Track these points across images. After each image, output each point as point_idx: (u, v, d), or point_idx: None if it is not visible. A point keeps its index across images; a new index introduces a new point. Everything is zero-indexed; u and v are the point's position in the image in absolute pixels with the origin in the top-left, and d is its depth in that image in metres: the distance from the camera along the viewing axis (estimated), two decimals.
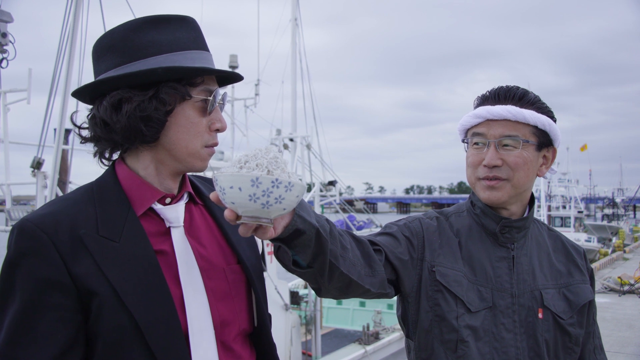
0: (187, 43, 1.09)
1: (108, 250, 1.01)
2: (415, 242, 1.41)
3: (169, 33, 1.08)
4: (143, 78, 1.04)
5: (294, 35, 11.42)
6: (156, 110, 1.04)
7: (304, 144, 10.87)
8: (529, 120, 1.37)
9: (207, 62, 1.11)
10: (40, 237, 0.98)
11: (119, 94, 1.05)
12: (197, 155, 1.11)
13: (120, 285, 0.99)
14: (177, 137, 1.08)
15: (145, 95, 1.04)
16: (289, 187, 0.88)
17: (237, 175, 0.87)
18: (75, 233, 1.00)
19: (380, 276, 1.28)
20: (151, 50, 1.06)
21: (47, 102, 5.28)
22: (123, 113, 1.04)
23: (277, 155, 0.92)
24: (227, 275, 1.15)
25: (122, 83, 1.05)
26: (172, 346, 1.01)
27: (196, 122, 1.09)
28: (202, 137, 1.10)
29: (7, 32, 4.40)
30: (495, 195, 1.39)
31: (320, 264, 1.09)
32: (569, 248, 1.53)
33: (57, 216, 1.02)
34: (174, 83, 1.05)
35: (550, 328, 1.38)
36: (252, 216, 0.90)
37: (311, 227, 1.03)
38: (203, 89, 1.09)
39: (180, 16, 1.12)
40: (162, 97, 1.05)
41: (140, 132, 1.05)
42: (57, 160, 5.24)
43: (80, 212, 1.04)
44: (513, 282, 1.39)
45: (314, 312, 9.56)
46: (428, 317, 1.37)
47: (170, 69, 1.04)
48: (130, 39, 1.07)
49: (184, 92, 1.06)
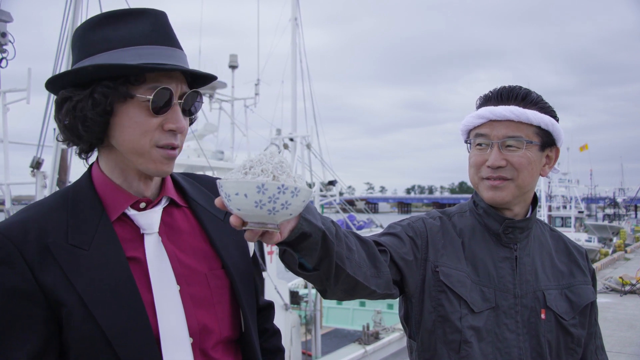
0: (140, 37, 1.02)
1: (76, 259, 0.98)
2: (419, 242, 1.40)
3: (124, 28, 1.03)
4: (77, 77, 1.01)
5: (294, 35, 11.40)
6: (92, 109, 1.00)
7: (304, 144, 10.86)
8: (532, 121, 1.36)
9: (163, 58, 1.02)
10: (7, 246, 0.96)
11: (64, 92, 1.03)
12: (147, 156, 1.03)
13: (88, 295, 0.96)
14: (123, 138, 1.03)
15: (82, 94, 1.00)
16: (295, 192, 0.87)
17: (243, 182, 0.85)
18: (43, 242, 0.98)
19: (386, 277, 1.27)
20: (100, 47, 1.01)
21: (47, 101, 5.27)
22: (64, 112, 1.02)
23: (282, 159, 0.90)
24: (209, 281, 1.11)
25: (66, 81, 1.02)
26: (143, 353, 0.98)
27: (141, 122, 1.01)
28: (150, 136, 1.02)
29: (7, 31, 4.38)
30: (500, 195, 1.38)
31: (326, 266, 1.08)
32: (571, 249, 1.52)
33: (26, 224, 0.99)
34: (108, 82, 0.99)
35: (553, 329, 1.38)
36: (259, 222, 0.88)
37: (317, 230, 1.02)
38: (151, 87, 1.01)
39: (140, 9, 1.06)
40: (95, 97, 0.99)
41: (79, 133, 1.02)
42: (56, 160, 5.24)
43: (50, 220, 1.01)
44: (516, 282, 1.38)
45: (314, 312, 9.54)
46: (431, 318, 1.36)
47: (100, 66, 0.99)
48: (86, 36, 1.04)
49: (122, 91, 1.00)
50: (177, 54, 1.06)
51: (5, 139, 5.93)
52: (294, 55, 11.34)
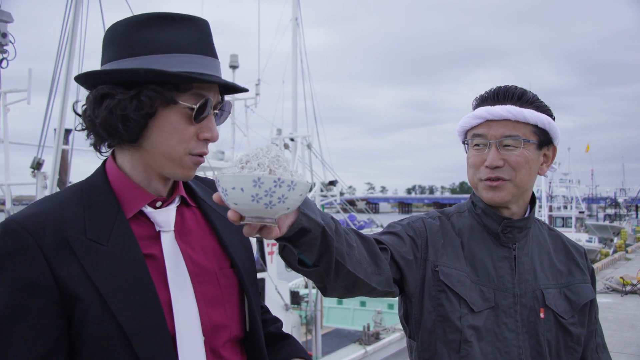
0: (187, 45, 1.04)
1: (95, 254, 0.97)
2: (418, 241, 1.40)
3: (170, 33, 1.03)
4: (126, 77, 1.01)
5: (294, 35, 11.42)
6: (135, 111, 1.00)
7: (305, 144, 10.87)
8: (529, 120, 1.36)
9: (205, 68, 1.04)
10: (25, 238, 0.94)
11: (103, 88, 1.02)
12: (178, 162, 1.05)
13: (107, 290, 0.95)
14: (159, 141, 1.03)
15: (127, 94, 1.00)
16: (291, 185, 0.87)
17: (239, 176, 0.85)
18: (61, 235, 0.97)
19: (386, 274, 1.27)
20: (146, 49, 1.02)
21: (47, 102, 5.28)
22: (103, 108, 1.01)
23: (279, 153, 0.90)
24: (220, 280, 1.12)
25: (107, 78, 1.02)
26: (160, 352, 0.98)
27: (181, 129, 1.03)
28: (186, 144, 1.04)
29: (7, 32, 4.39)
30: (498, 195, 1.38)
31: (326, 262, 1.08)
32: (569, 247, 1.53)
33: (44, 217, 0.98)
34: (157, 86, 1.00)
35: (552, 328, 1.38)
36: (256, 216, 0.88)
37: (317, 225, 1.01)
38: (193, 94, 1.03)
39: (187, 16, 1.07)
40: (142, 99, 1.00)
41: (117, 131, 1.02)
42: (57, 160, 5.24)
43: (67, 214, 1.00)
44: (515, 282, 1.39)
45: (315, 312, 9.54)
46: (431, 317, 1.36)
47: (152, 71, 0.99)
48: (129, 34, 1.04)
49: (168, 96, 1.01)
50: (216, 64, 1.09)
51: (6, 140, 5.94)
52: (295, 55, 11.35)
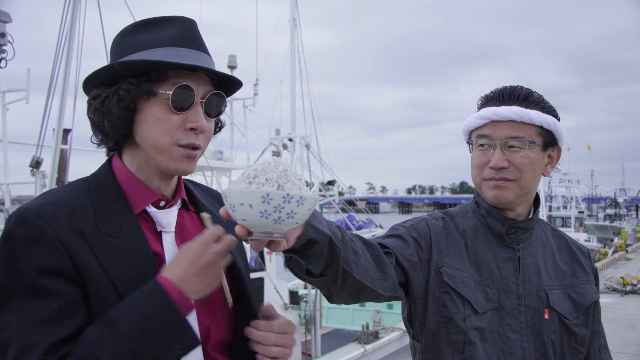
0: (168, 40, 1.06)
1: (107, 246, 0.99)
2: (422, 243, 1.39)
3: (155, 33, 1.07)
4: (106, 75, 1.05)
5: (292, 35, 11.40)
6: (116, 105, 1.03)
7: (303, 144, 10.85)
8: (534, 121, 1.35)
9: (184, 59, 1.05)
10: (42, 226, 0.95)
11: (95, 91, 1.07)
12: (167, 153, 1.05)
13: (120, 283, 0.97)
14: (146, 135, 1.05)
15: (109, 91, 1.04)
16: (300, 201, 0.86)
17: (247, 192, 0.84)
18: (74, 226, 0.98)
19: (392, 279, 1.26)
20: (130, 50, 1.06)
21: (46, 101, 5.26)
22: (93, 109, 1.07)
23: (287, 167, 0.89)
24: None
25: (97, 80, 1.07)
26: None
27: (164, 119, 1.04)
28: (172, 134, 1.05)
29: (6, 32, 4.38)
30: (503, 194, 1.37)
31: (333, 271, 1.08)
32: (573, 248, 1.52)
33: (57, 206, 0.99)
34: (132, 79, 1.03)
35: (556, 329, 1.37)
36: (264, 232, 0.87)
37: (324, 236, 1.01)
38: (172, 84, 1.04)
39: (172, 16, 1.10)
40: (120, 93, 1.03)
41: (105, 128, 1.05)
42: (55, 159, 5.23)
43: (77, 206, 1.01)
44: (519, 283, 1.38)
45: (314, 312, 9.53)
46: (435, 319, 1.36)
47: (122, 63, 1.03)
48: (120, 41, 1.10)
49: (146, 88, 1.03)
50: (202, 57, 1.09)
51: (5, 139, 5.93)
52: (293, 55, 11.34)
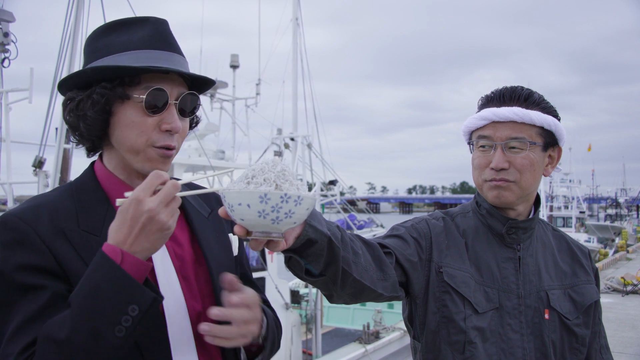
0: (139, 43, 1.08)
1: (89, 244, 1.01)
2: (423, 243, 1.40)
3: (126, 35, 1.09)
4: (79, 79, 1.08)
5: (295, 35, 11.39)
6: (91, 108, 1.05)
7: (305, 144, 10.85)
8: (535, 122, 1.35)
9: (156, 62, 1.07)
10: (23, 228, 0.99)
11: (68, 94, 1.10)
12: (143, 154, 1.08)
13: None
14: (121, 137, 1.08)
15: (83, 94, 1.07)
16: (298, 200, 0.87)
17: (245, 192, 0.85)
18: (56, 225, 1.01)
19: (392, 279, 1.27)
20: (102, 52, 1.08)
21: (49, 101, 5.26)
22: (67, 111, 1.09)
23: (285, 167, 0.90)
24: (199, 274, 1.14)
25: (71, 84, 1.09)
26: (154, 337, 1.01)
27: (138, 121, 1.06)
28: (147, 135, 1.07)
29: (9, 31, 4.40)
30: (503, 195, 1.38)
31: (333, 271, 1.08)
32: (573, 248, 1.52)
33: (38, 209, 1.03)
34: (106, 83, 1.05)
35: (557, 329, 1.38)
36: (263, 232, 0.88)
37: (323, 236, 1.02)
38: (145, 87, 1.06)
39: (143, 18, 1.11)
40: (94, 97, 1.05)
41: (81, 130, 1.08)
42: (58, 159, 5.23)
43: (60, 207, 1.05)
44: (519, 282, 1.38)
45: (315, 311, 9.53)
46: (435, 319, 1.36)
47: (95, 68, 1.05)
48: (92, 43, 1.11)
49: (119, 92, 1.05)
50: (174, 58, 1.10)
51: (8, 139, 5.93)
52: (295, 55, 11.32)
